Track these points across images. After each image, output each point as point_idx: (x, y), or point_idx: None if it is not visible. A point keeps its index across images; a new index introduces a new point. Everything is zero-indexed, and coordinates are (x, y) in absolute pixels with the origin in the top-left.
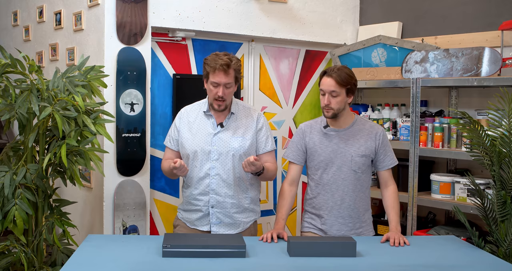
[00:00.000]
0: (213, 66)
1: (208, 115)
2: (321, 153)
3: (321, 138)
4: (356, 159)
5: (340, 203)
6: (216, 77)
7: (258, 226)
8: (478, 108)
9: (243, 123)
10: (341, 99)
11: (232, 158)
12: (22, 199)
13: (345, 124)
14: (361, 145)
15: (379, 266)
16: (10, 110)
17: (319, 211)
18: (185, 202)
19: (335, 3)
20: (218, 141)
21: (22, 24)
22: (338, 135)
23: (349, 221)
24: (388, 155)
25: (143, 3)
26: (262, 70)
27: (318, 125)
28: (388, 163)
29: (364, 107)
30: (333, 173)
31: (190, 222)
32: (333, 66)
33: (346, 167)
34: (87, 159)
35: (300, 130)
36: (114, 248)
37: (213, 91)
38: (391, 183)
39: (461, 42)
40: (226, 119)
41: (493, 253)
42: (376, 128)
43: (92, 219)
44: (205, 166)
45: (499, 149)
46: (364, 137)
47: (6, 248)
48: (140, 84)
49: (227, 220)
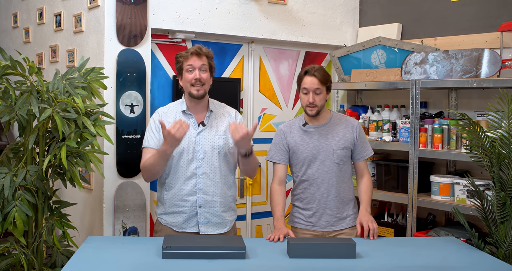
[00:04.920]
0: (186, 54)
1: (188, 115)
2: (303, 150)
3: (301, 136)
4: (338, 151)
5: (327, 195)
6: (190, 60)
7: (258, 227)
8: (477, 109)
9: (223, 121)
10: (323, 97)
11: (218, 155)
12: (22, 201)
13: (323, 120)
14: (340, 138)
15: (379, 268)
16: (10, 112)
17: (307, 205)
18: (168, 205)
19: (335, 5)
20: (202, 139)
21: (22, 26)
22: (317, 131)
23: (336, 211)
24: (365, 146)
25: (143, 4)
26: (261, 71)
27: (297, 124)
28: (364, 153)
29: (364, 108)
30: (317, 167)
31: (177, 225)
32: (311, 66)
33: (329, 160)
34: (87, 160)
35: (280, 132)
36: (114, 250)
37: (190, 77)
38: (366, 173)
39: (460, 44)
40: (207, 118)
41: (492, 254)
42: (352, 122)
43: (92, 220)
44: (191, 166)
45: (499, 150)
46: (342, 130)
47: (6, 250)
48: (140, 86)
49: (215, 219)
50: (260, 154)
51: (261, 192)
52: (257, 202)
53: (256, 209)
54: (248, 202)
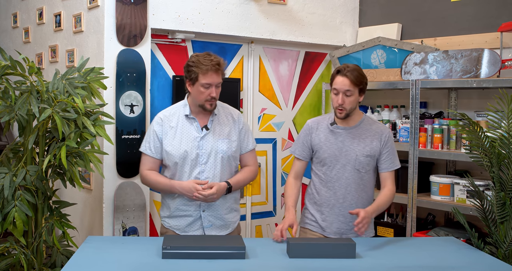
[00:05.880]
0: (205, 68)
1: (191, 119)
2: (326, 150)
3: (327, 134)
4: (360, 158)
5: (342, 201)
6: (209, 78)
7: (257, 227)
8: (477, 109)
9: (226, 124)
10: (354, 99)
11: (221, 160)
12: (22, 201)
13: (353, 123)
14: (366, 145)
15: (379, 268)
16: (10, 112)
17: (320, 207)
18: (173, 209)
19: (335, 5)
20: (205, 144)
21: (22, 26)
22: (344, 133)
23: (349, 220)
24: (390, 158)
25: (143, 4)
26: (261, 71)
27: (326, 121)
28: (389, 165)
29: (364, 108)
30: (337, 170)
31: (180, 229)
32: (345, 65)
33: (350, 165)
34: (86, 160)
35: (307, 127)
36: (113, 250)
37: (205, 93)
38: (389, 184)
39: (460, 44)
40: (210, 122)
41: (492, 254)
42: (382, 129)
43: (91, 220)
44: (195, 171)
45: (499, 150)
46: (370, 136)
47: (6, 250)
48: (140, 86)
49: (218, 222)
50: (260, 154)
51: (261, 192)
52: (257, 202)
53: (256, 209)
54: (248, 202)
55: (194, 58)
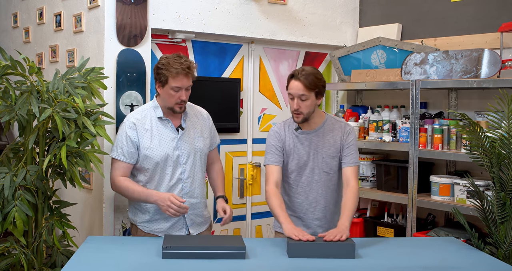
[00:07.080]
0: (175, 71)
1: (164, 121)
2: (295, 156)
3: (294, 141)
4: (327, 160)
5: (315, 205)
6: (179, 81)
7: (257, 227)
8: (477, 110)
9: (197, 122)
10: (311, 103)
11: (199, 158)
12: (22, 201)
13: (315, 125)
14: (331, 146)
15: (378, 268)
16: (10, 112)
17: (294, 213)
18: (153, 213)
19: (335, 5)
20: (183, 144)
21: (22, 25)
22: (309, 137)
23: (324, 222)
24: (352, 153)
25: (143, 4)
26: (261, 72)
27: (289, 127)
28: (350, 159)
29: (364, 109)
30: (307, 175)
31: (163, 231)
32: (300, 68)
33: (318, 168)
34: (87, 160)
35: (276, 134)
36: (114, 250)
37: (175, 96)
38: (352, 181)
39: (460, 44)
40: (183, 121)
41: (492, 254)
42: (344, 126)
43: (92, 220)
44: (177, 171)
45: (499, 151)
46: (333, 137)
47: (6, 250)
48: (140, 86)
49: (198, 219)
50: (260, 154)
51: (261, 192)
52: (257, 202)
53: (256, 209)
54: (248, 202)
55: (164, 61)
